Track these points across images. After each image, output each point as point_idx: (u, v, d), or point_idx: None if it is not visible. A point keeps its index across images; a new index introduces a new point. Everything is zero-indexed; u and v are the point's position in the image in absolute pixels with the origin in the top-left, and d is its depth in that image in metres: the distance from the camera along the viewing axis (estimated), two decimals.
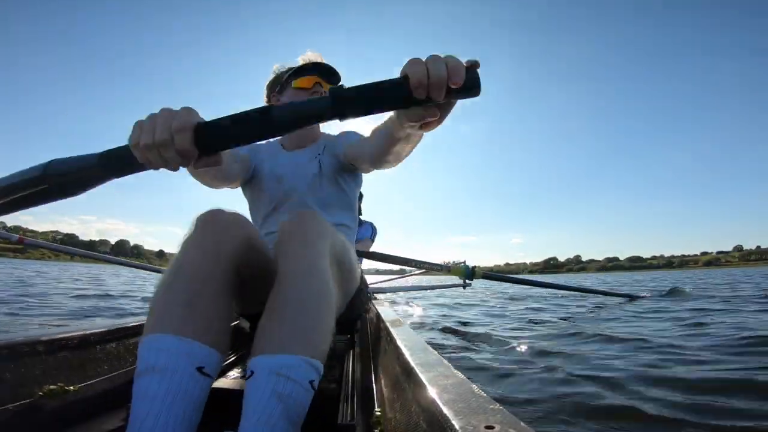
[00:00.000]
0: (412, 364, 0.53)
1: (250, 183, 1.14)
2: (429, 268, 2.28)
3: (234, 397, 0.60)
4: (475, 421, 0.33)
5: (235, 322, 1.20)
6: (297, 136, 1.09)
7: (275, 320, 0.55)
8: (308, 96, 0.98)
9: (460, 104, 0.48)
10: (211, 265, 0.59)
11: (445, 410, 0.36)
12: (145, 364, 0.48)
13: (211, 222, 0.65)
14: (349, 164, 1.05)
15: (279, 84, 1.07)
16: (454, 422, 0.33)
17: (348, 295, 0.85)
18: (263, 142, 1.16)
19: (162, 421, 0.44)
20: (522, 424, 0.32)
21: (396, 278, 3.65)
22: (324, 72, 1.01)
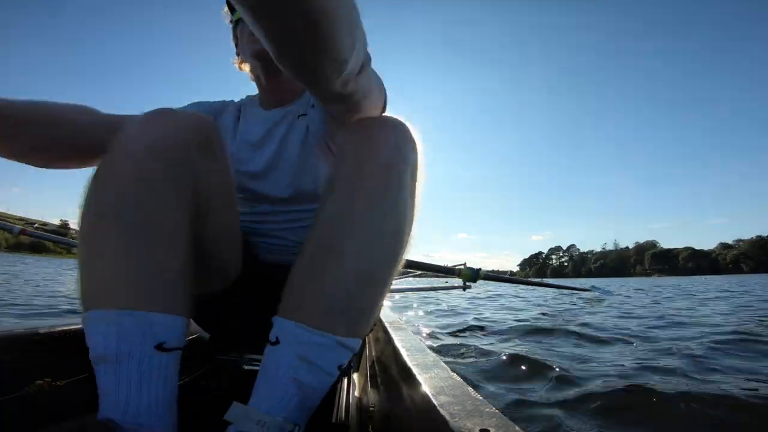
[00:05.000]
0: (409, 364, 0.53)
1: None
2: (437, 270, 2.20)
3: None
4: (470, 424, 0.33)
5: None
6: (275, 84, 0.74)
7: (316, 274, 0.42)
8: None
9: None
10: (152, 192, 0.43)
11: (441, 412, 0.36)
12: (95, 351, 0.42)
13: (153, 122, 0.45)
14: None
15: (234, 26, 0.77)
16: (449, 424, 0.34)
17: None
18: (234, 110, 0.79)
19: (131, 411, 0.40)
20: (517, 427, 0.33)
21: (396, 278, 3.62)
22: None
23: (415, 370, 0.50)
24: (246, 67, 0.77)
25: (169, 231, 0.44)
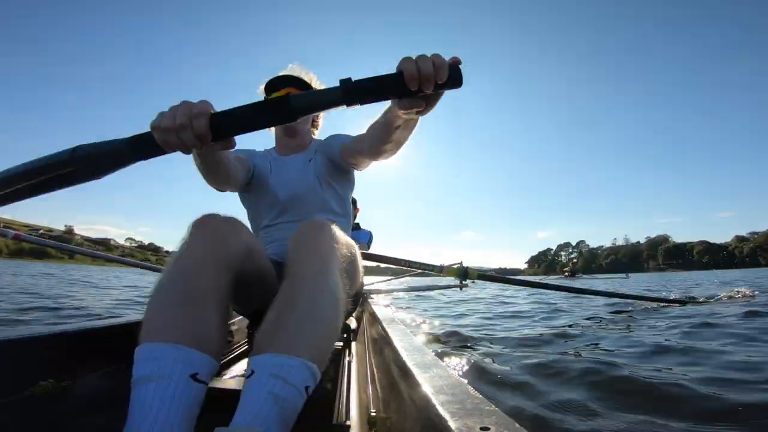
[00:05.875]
0: (408, 364, 0.53)
1: (248, 189, 1.17)
2: (424, 269, 2.20)
3: (227, 397, 0.59)
4: (470, 422, 0.33)
5: (233, 320, 1.20)
6: (291, 141, 1.18)
7: (281, 321, 0.56)
8: None
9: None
10: (205, 270, 0.61)
11: (441, 411, 0.36)
12: (141, 372, 0.51)
13: (206, 226, 0.68)
14: (344, 164, 1.11)
15: None
16: (449, 423, 0.33)
17: (351, 298, 0.87)
18: (259, 150, 1.22)
19: (158, 427, 0.46)
20: (517, 425, 0.32)
21: (392, 279, 3.66)
22: (293, 83, 1.12)
23: (414, 370, 0.50)
24: (272, 129, 1.19)
25: (214, 297, 0.61)
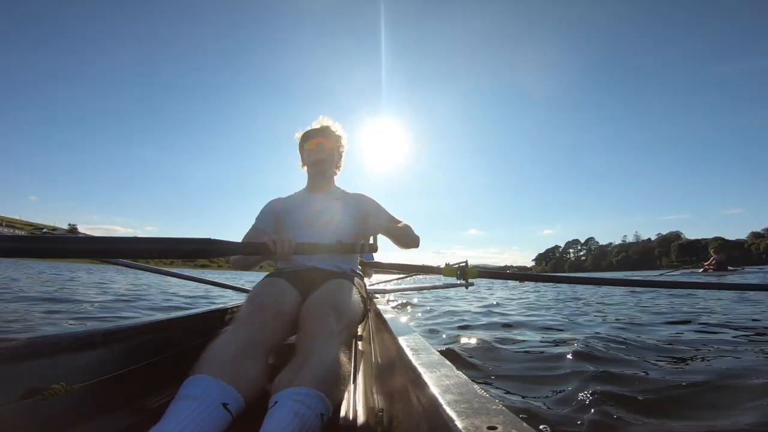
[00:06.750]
0: (414, 364, 0.53)
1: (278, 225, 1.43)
2: (422, 271, 2.18)
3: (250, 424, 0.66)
4: (477, 422, 0.33)
5: None
6: (319, 182, 1.41)
7: (299, 365, 0.72)
8: (317, 153, 1.37)
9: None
10: (258, 335, 0.82)
11: (448, 411, 0.36)
12: (186, 392, 0.64)
13: (265, 305, 0.90)
14: (369, 229, 1.33)
15: (301, 148, 1.49)
16: (456, 423, 0.33)
17: (356, 323, 1.09)
18: (290, 194, 1.48)
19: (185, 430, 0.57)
20: (524, 424, 0.32)
21: (397, 278, 3.67)
22: (322, 133, 1.39)
23: (420, 370, 0.50)
24: (305, 169, 1.45)
25: (260, 349, 0.80)
